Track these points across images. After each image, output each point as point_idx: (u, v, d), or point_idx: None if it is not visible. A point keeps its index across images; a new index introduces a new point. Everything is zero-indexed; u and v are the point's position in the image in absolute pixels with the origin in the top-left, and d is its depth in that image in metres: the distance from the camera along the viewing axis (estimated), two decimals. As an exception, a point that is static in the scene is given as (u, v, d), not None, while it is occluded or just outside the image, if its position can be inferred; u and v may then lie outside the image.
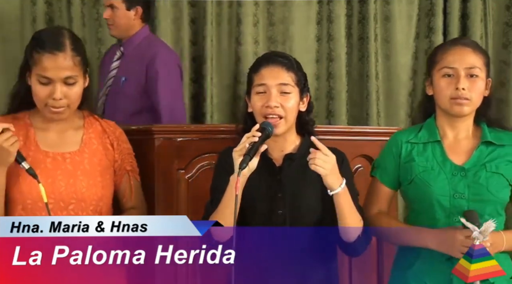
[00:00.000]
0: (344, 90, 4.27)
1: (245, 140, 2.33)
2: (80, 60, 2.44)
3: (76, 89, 2.43)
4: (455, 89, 2.42)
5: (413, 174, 2.48)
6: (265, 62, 2.47)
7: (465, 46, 2.47)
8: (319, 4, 4.31)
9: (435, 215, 2.43)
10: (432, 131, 2.51)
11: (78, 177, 2.45)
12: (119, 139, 2.57)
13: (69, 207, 2.42)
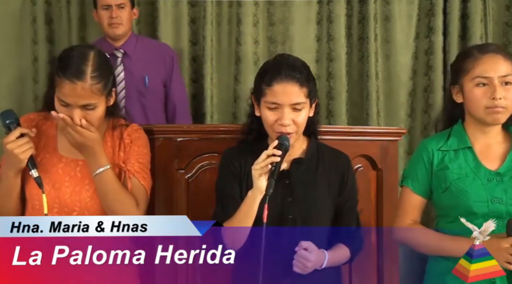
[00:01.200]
0: (344, 90, 4.27)
1: (265, 158, 2.31)
2: (101, 87, 2.40)
3: (96, 114, 2.41)
4: (492, 99, 2.40)
5: (448, 182, 2.46)
6: (278, 76, 2.41)
7: (496, 53, 2.44)
8: (319, 4, 4.31)
9: (473, 221, 2.36)
10: (462, 137, 2.49)
11: (85, 186, 2.44)
12: (132, 142, 2.52)
13: (73, 214, 2.42)
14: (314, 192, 2.43)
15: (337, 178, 2.48)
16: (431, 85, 4.34)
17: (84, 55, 2.40)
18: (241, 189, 2.42)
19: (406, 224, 2.52)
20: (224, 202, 2.41)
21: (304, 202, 2.42)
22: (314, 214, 2.41)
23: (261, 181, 2.31)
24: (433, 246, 2.46)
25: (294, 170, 2.45)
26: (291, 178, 2.44)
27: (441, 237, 2.46)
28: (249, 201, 2.32)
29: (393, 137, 3.19)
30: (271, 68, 2.45)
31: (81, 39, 4.05)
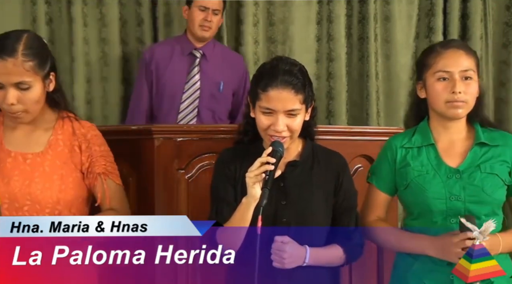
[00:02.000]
0: (344, 90, 4.27)
1: (258, 166, 2.30)
2: (33, 65, 2.38)
3: (31, 95, 2.39)
4: (451, 93, 2.42)
5: (409, 179, 2.48)
6: (273, 82, 2.37)
7: (458, 49, 2.47)
8: (319, 4, 4.31)
9: (432, 219, 2.43)
10: (426, 134, 2.52)
11: (35, 179, 2.41)
12: (90, 141, 2.50)
13: (24, 208, 2.39)
14: (308, 195, 2.42)
15: (332, 179, 2.46)
16: (431, 85, 4.34)
17: (17, 36, 2.39)
18: (236, 191, 2.40)
19: (371, 220, 2.55)
20: (219, 207, 2.40)
21: (298, 205, 2.40)
22: (308, 217, 2.40)
23: (255, 189, 2.29)
24: (394, 244, 2.49)
25: (288, 173, 2.44)
26: (285, 181, 2.43)
27: (401, 236, 2.48)
28: (243, 208, 2.31)
29: (393, 137, 3.19)
30: (267, 72, 2.41)
31: (81, 39, 4.05)
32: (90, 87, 4.10)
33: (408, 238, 2.45)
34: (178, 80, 3.82)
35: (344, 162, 2.52)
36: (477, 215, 2.36)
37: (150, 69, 3.85)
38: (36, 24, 4.06)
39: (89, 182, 2.49)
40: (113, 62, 4.13)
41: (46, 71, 2.42)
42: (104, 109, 4.12)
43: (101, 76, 4.10)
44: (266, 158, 2.31)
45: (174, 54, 3.88)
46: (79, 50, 4.04)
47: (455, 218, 2.38)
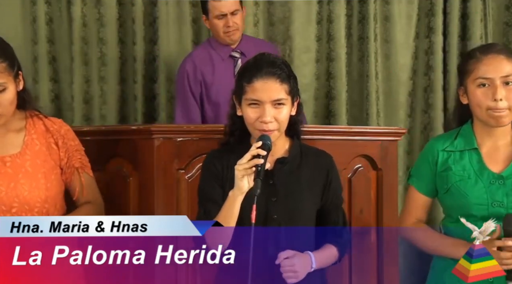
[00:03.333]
0: (344, 90, 4.27)
1: (249, 158, 2.29)
2: (6, 66, 2.39)
3: (7, 96, 2.39)
4: (493, 100, 2.39)
5: (450, 183, 2.46)
6: (258, 73, 2.39)
7: (498, 54, 2.43)
8: (319, 4, 4.31)
9: (472, 223, 2.36)
10: (469, 138, 2.48)
11: (20, 181, 2.42)
12: (64, 137, 2.53)
13: (12, 211, 2.40)
14: (298, 192, 2.42)
15: (321, 177, 2.47)
16: (431, 85, 4.34)
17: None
18: (224, 191, 2.39)
19: (411, 222, 2.52)
20: (207, 207, 2.40)
21: (288, 202, 2.40)
22: (299, 213, 2.40)
23: (243, 182, 2.28)
24: (433, 249, 2.48)
25: (277, 170, 2.44)
26: (274, 178, 2.43)
27: (441, 241, 2.46)
28: (230, 202, 2.31)
29: (393, 137, 3.19)
30: (251, 66, 2.44)
31: (81, 39, 4.05)
32: (89, 87, 4.10)
33: (447, 243, 2.43)
34: (226, 85, 3.78)
35: (332, 161, 2.51)
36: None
37: (198, 79, 3.80)
38: (36, 24, 4.06)
39: (66, 177, 2.52)
40: (112, 62, 4.13)
41: (15, 70, 2.43)
42: (102, 109, 4.12)
43: (99, 76, 4.10)
44: (256, 151, 2.30)
45: (214, 60, 3.83)
46: (78, 50, 4.03)
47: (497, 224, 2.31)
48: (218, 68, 3.82)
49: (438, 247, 2.45)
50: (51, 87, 4.09)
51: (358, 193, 3.05)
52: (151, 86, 4.18)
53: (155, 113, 4.17)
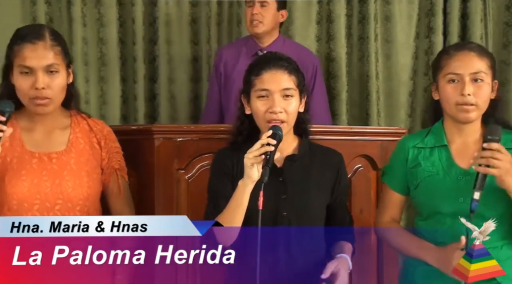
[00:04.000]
0: (344, 90, 4.27)
1: (259, 147, 2.30)
2: (61, 50, 2.44)
3: (59, 80, 2.43)
4: (461, 95, 2.42)
5: (419, 179, 2.48)
6: (266, 65, 2.45)
7: (470, 51, 2.46)
8: (319, 4, 4.31)
9: (440, 219, 2.42)
10: (439, 135, 2.51)
11: (64, 177, 2.44)
12: (106, 137, 2.56)
13: (56, 208, 2.41)
14: (307, 189, 2.44)
15: (331, 174, 2.48)
16: (431, 85, 4.34)
17: (38, 26, 2.52)
18: (234, 187, 2.39)
19: (385, 221, 2.55)
20: (216, 201, 2.41)
21: (298, 199, 2.42)
22: (308, 211, 2.42)
23: (253, 170, 2.29)
24: (402, 249, 2.50)
25: (287, 167, 2.45)
26: (284, 175, 2.44)
27: (409, 241, 2.47)
28: (240, 191, 2.31)
29: (393, 137, 3.19)
30: (259, 61, 2.50)
31: (81, 39, 4.05)
32: (89, 87, 4.10)
33: (414, 243, 2.45)
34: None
35: (341, 159, 2.54)
36: (486, 217, 2.34)
37: (219, 70, 3.84)
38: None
39: (105, 177, 2.55)
40: (112, 62, 4.13)
41: (68, 60, 2.48)
42: (102, 109, 4.13)
43: (99, 76, 4.10)
44: (266, 140, 2.31)
45: (241, 55, 3.85)
46: (78, 50, 4.03)
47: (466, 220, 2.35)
48: (241, 63, 3.82)
49: (406, 248, 2.48)
50: (51, 87, 4.09)
51: (358, 193, 3.05)
52: (151, 86, 4.18)
53: (155, 113, 4.18)
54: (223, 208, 2.35)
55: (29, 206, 2.39)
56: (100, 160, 2.53)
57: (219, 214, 2.35)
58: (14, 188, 2.40)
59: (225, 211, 2.33)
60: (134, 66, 4.12)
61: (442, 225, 2.42)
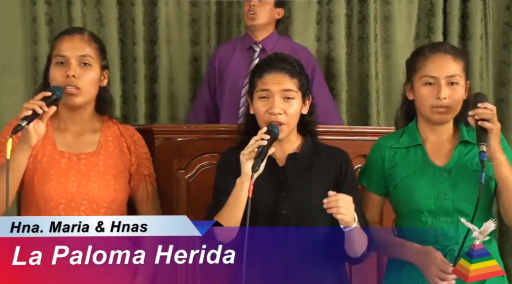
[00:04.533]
0: (344, 90, 4.27)
1: (253, 143, 2.32)
2: (98, 48, 2.52)
3: (91, 74, 2.48)
4: (436, 98, 2.44)
5: (397, 179, 2.50)
6: (268, 68, 2.46)
7: (445, 53, 2.47)
8: (319, 4, 4.31)
9: (421, 218, 2.44)
10: (414, 135, 2.53)
11: (91, 179, 2.45)
12: (136, 143, 2.58)
13: (81, 208, 2.42)
14: (308, 188, 2.43)
15: (334, 170, 2.47)
16: (431, 85, 4.33)
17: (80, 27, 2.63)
18: None
19: None
20: (219, 197, 2.41)
21: (299, 198, 2.41)
22: (308, 209, 2.41)
23: (247, 165, 2.30)
24: (382, 250, 2.50)
25: (289, 166, 2.46)
26: (285, 173, 2.45)
27: (390, 242, 2.48)
28: (238, 189, 2.32)
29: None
30: (263, 63, 2.52)
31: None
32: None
33: (395, 243, 2.46)
34: (238, 75, 3.82)
35: (346, 156, 2.53)
36: (466, 213, 2.35)
37: (214, 66, 3.89)
38: (36, 24, 4.06)
39: (133, 183, 2.55)
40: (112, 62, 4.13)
41: (104, 63, 2.56)
42: (103, 109, 4.12)
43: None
44: (260, 135, 2.33)
45: (236, 50, 3.91)
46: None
47: (445, 217, 2.39)
48: (235, 59, 3.88)
49: (387, 250, 2.48)
50: (51, 87, 4.09)
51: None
52: (151, 86, 4.18)
53: (155, 113, 4.18)
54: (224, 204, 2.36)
55: (55, 205, 2.40)
56: (129, 165, 2.55)
57: (220, 209, 2.35)
58: (41, 187, 2.41)
59: (223, 208, 2.34)
60: (134, 66, 4.12)
61: (423, 224, 2.43)
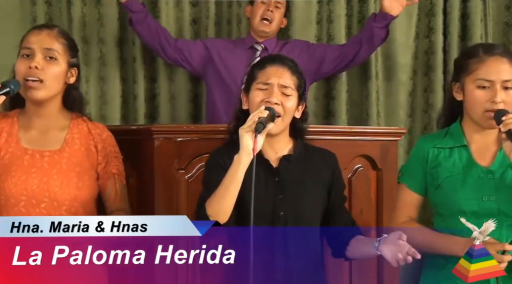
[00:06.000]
0: (344, 90, 4.26)
1: (252, 118, 2.34)
2: (66, 44, 2.50)
3: (56, 68, 2.47)
4: (491, 102, 2.40)
5: (440, 179, 2.47)
6: (272, 61, 2.50)
7: (502, 57, 2.44)
8: (319, 4, 4.30)
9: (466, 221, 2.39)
10: (458, 136, 2.50)
11: (53, 176, 2.44)
12: (105, 141, 2.57)
13: (41, 205, 2.42)
14: (304, 189, 2.44)
15: (328, 174, 2.49)
16: (431, 85, 4.33)
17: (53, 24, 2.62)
18: None
19: (402, 221, 2.53)
20: (210, 186, 2.40)
21: (295, 199, 2.42)
22: (305, 211, 2.42)
23: (246, 139, 2.31)
24: (426, 245, 2.46)
25: (283, 167, 2.46)
26: (280, 175, 2.45)
27: (433, 236, 2.46)
28: (235, 165, 2.33)
29: (393, 137, 3.19)
30: (267, 57, 2.57)
31: (81, 39, 4.05)
32: (89, 87, 4.10)
33: (440, 238, 2.43)
34: (237, 73, 3.82)
35: (336, 159, 2.56)
36: (510, 215, 2.33)
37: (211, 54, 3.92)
38: (36, 24, 4.05)
39: (102, 181, 2.54)
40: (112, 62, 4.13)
41: (73, 60, 2.53)
42: (102, 109, 4.12)
43: (99, 76, 4.10)
44: (259, 110, 2.36)
45: (237, 48, 3.94)
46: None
47: (488, 219, 2.32)
48: (234, 57, 3.90)
49: (431, 244, 2.45)
50: (51, 87, 4.09)
51: (358, 193, 3.05)
52: (151, 86, 4.18)
53: (155, 113, 4.17)
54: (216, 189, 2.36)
55: (16, 202, 2.40)
56: (96, 163, 2.53)
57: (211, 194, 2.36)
58: (2, 184, 2.41)
59: (219, 186, 2.34)
60: (134, 66, 4.12)
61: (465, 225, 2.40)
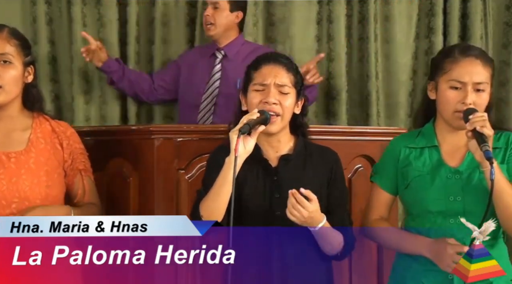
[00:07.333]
0: (344, 90, 4.27)
1: (242, 120, 2.35)
2: (19, 45, 2.47)
3: (12, 72, 2.45)
4: (461, 103, 2.41)
5: (409, 179, 2.49)
6: (266, 60, 2.49)
7: (476, 59, 2.43)
8: (319, 4, 4.30)
9: (431, 218, 2.43)
10: (430, 136, 2.52)
11: (21, 176, 2.43)
12: (69, 139, 2.56)
13: (12, 206, 2.40)
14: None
15: (326, 173, 2.49)
16: (431, 85, 4.33)
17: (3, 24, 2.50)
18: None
19: (373, 219, 2.55)
20: (208, 184, 2.41)
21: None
22: None
23: (233, 141, 2.33)
24: (393, 244, 2.51)
25: (282, 167, 2.46)
26: (278, 174, 2.45)
27: (401, 236, 2.49)
28: (226, 167, 2.34)
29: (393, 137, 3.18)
30: (261, 56, 2.55)
31: (81, 39, 4.05)
32: (89, 87, 4.10)
33: (406, 238, 2.46)
34: (199, 81, 3.83)
35: (337, 157, 2.54)
36: (476, 214, 2.35)
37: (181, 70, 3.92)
38: (36, 24, 4.06)
39: (68, 179, 2.54)
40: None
41: (28, 59, 2.50)
42: (102, 109, 4.12)
43: (99, 76, 4.10)
44: (251, 113, 2.37)
45: (201, 57, 3.92)
46: (78, 50, 4.03)
47: (454, 218, 2.38)
48: (198, 66, 3.89)
49: (399, 244, 2.48)
50: (51, 88, 4.09)
51: (358, 193, 3.06)
52: (151, 86, 4.18)
53: (155, 113, 4.17)
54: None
55: None
56: (62, 161, 2.53)
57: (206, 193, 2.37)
58: None
59: (212, 187, 2.35)
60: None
61: (432, 224, 2.43)
